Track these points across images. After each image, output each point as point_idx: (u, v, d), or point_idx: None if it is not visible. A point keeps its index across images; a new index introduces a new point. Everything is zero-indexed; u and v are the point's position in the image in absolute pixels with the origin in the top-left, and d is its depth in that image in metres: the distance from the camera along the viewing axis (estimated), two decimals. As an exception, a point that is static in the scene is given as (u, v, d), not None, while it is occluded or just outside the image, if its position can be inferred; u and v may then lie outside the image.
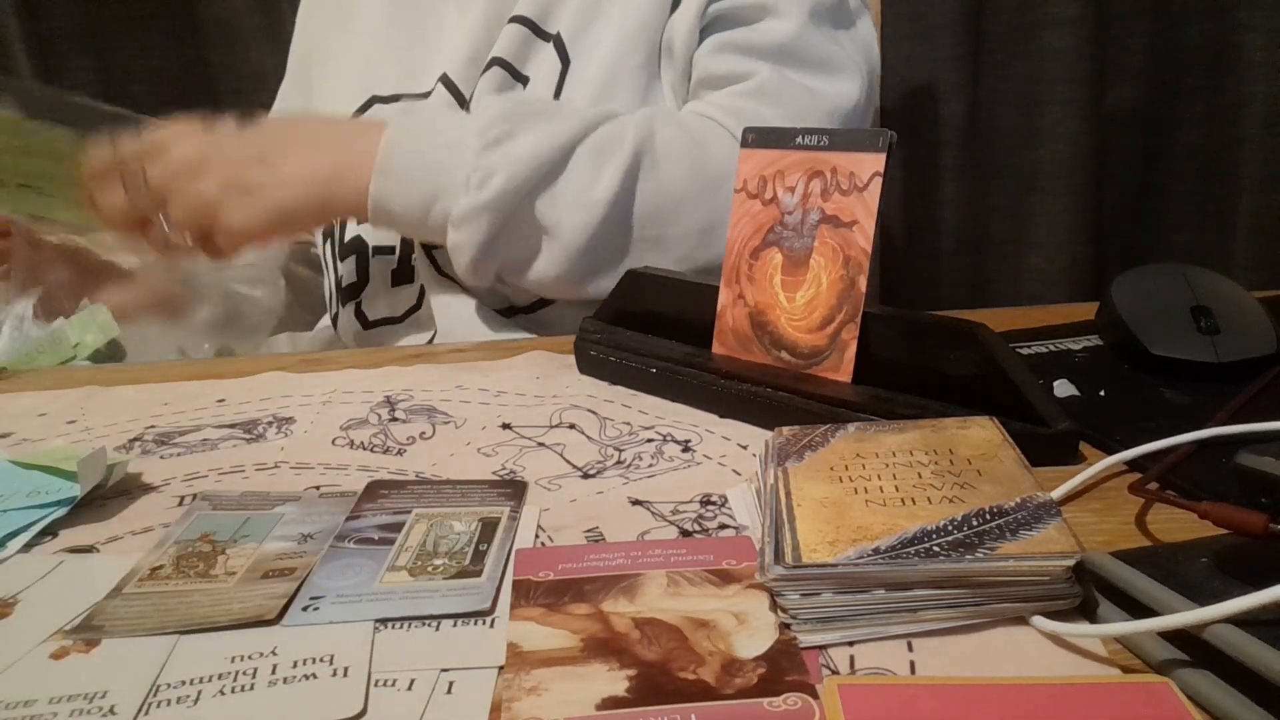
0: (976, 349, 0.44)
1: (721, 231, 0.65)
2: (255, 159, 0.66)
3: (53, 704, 0.29)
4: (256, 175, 0.65)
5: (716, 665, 0.28)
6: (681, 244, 0.67)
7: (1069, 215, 1.12)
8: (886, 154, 0.46)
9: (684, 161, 0.68)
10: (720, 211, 0.66)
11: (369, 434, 0.51)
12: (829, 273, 0.48)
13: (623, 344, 0.57)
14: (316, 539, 0.38)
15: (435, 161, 0.65)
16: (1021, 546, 0.30)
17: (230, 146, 0.67)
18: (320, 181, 0.66)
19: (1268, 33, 1.05)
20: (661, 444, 0.47)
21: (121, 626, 0.32)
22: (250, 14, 1.28)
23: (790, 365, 0.50)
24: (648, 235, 0.67)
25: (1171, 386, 0.50)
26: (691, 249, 0.68)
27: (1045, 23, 1.07)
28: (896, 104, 1.12)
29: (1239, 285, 0.56)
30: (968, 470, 0.36)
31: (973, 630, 0.30)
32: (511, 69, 0.73)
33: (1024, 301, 1.15)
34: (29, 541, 0.40)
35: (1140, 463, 0.40)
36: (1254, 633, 0.25)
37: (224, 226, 0.65)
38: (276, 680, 0.29)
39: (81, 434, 0.53)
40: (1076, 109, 1.08)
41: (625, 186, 0.66)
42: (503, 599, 0.33)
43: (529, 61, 0.73)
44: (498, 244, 0.66)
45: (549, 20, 0.73)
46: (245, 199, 0.65)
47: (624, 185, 0.66)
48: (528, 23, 0.73)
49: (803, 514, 0.34)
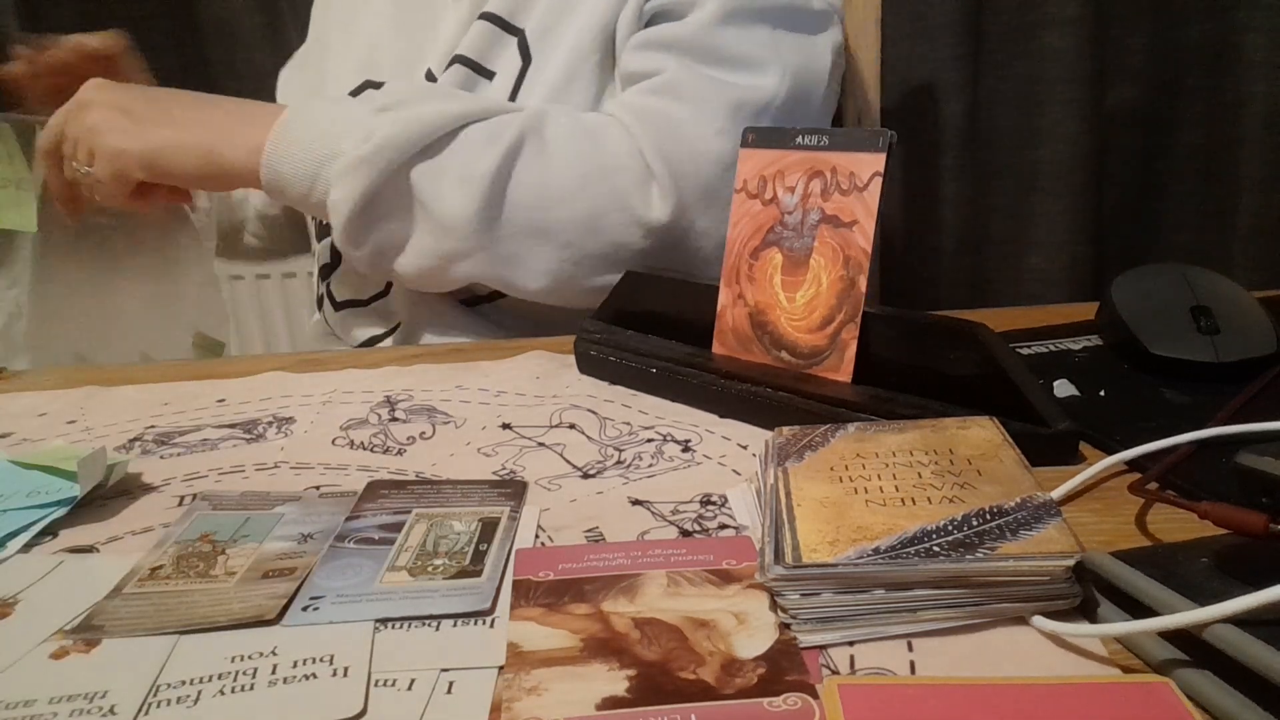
0: (976, 349, 0.44)
1: (605, 223, 0.65)
2: (151, 99, 0.68)
3: (53, 704, 0.29)
4: (145, 110, 0.67)
5: (716, 665, 0.29)
6: (564, 232, 0.66)
7: (1069, 215, 1.12)
8: (886, 154, 0.46)
9: (571, 150, 0.66)
10: (605, 202, 0.65)
11: (369, 434, 0.51)
12: (829, 273, 0.48)
13: (623, 344, 0.57)
14: (316, 539, 0.38)
15: (329, 129, 0.65)
16: (1021, 546, 0.30)
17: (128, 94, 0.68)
18: (213, 133, 0.67)
19: (1268, 33, 1.04)
20: (661, 444, 0.47)
21: (121, 626, 0.32)
22: (250, 14, 1.28)
23: (790, 365, 0.50)
24: (529, 221, 0.65)
25: (1171, 386, 0.50)
26: (576, 238, 0.66)
27: (1045, 23, 1.07)
28: (896, 104, 1.12)
29: (1239, 285, 0.56)
30: (968, 470, 0.36)
31: (973, 630, 0.30)
32: (476, 66, 0.73)
33: (1024, 301, 1.15)
34: (29, 541, 0.40)
35: (1140, 463, 0.40)
36: (1254, 633, 0.25)
37: (103, 147, 0.66)
38: (276, 680, 0.29)
39: (81, 434, 0.53)
40: (1076, 109, 1.08)
41: (506, 167, 0.64)
42: (503, 599, 0.33)
43: (495, 58, 0.73)
44: (374, 207, 0.65)
45: (518, 15, 0.72)
46: (133, 128, 0.66)
47: (505, 165, 0.64)
48: (495, 19, 0.72)
49: (803, 514, 0.34)
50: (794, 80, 0.70)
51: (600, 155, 0.66)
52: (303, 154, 0.65)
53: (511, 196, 0.65)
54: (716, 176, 0.66)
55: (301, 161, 0.65)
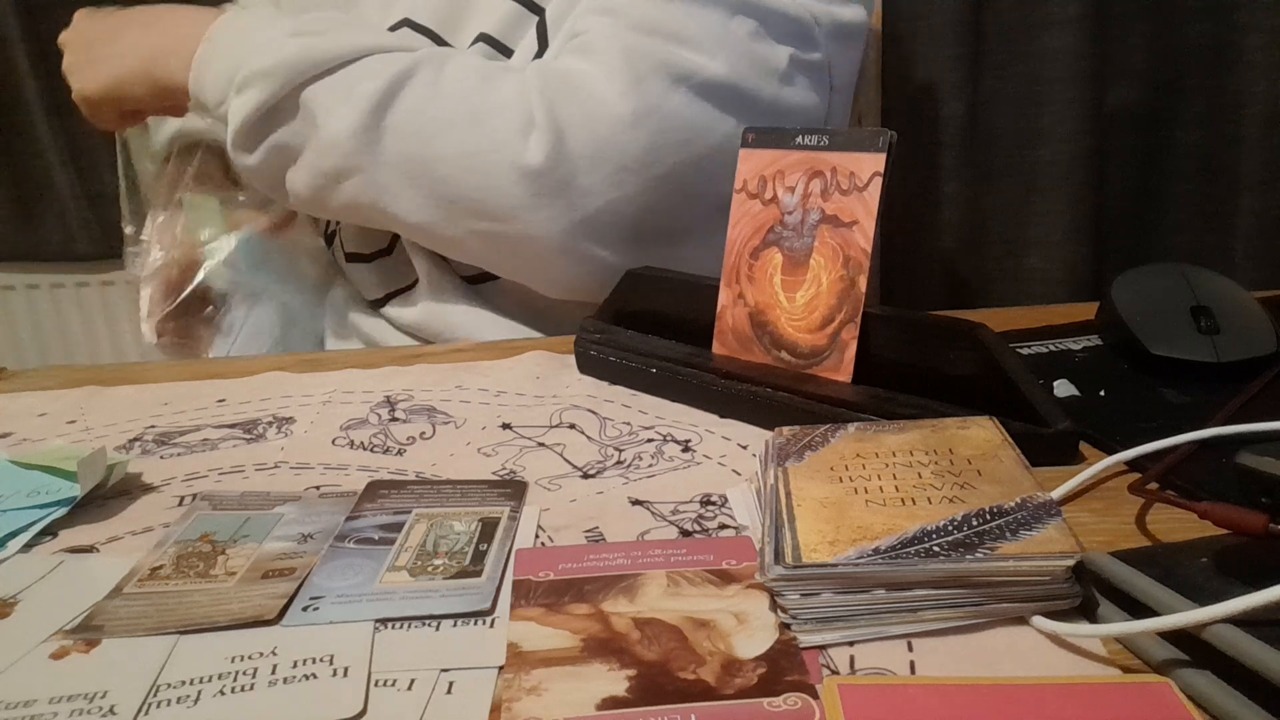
0: (976, 349, 0.44)
1: (480, 162, 0.64)
2: (105, 36, 0.75)
3: (53, 704, 0.29)
4: (100, 49, 0.74)
5: (716, 665, 0.29)
6: (440, 165, 0.65)
7: (1069, 215, 1.12)
8: (887, 154, 0.46)
9: (461, 87, 0.66)
10: (483, 141, 0.64)
11: (369, 434, 0.51)
12: (829, 273, 0.48)
13: (623, 344, 0.57)
14: (316, 539, 0.38)
15: (246, 44, 0.68)
16: (1021, 546, 0.30)
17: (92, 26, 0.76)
18: (148, 56, 0.72)
19: (1268, 33, 1.04)
20: (661, 444, 0.47)
21: (121, 626, 0.32)
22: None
23: (790, 365, 0.50)
24: (406, 150, 0.65)
25: (1171, 386, 0.50)
26: (450, 173, 0.65)
27: (1045, 23, 1.07)
28: (897, 104, 1.12)
29: (1239, 285, 0.56)
30: (968, 470, 0.36)
31: (973, 630, 0.30)
32: (498, 44, 0.72)
33: (1024, 301, 1.15)
34: (29, 541, 0.40)
35: (1140, 463, 0.40)
36: (1254, 633, 0.25)
37: (76, 93, 0.75)
38: (276, 680, 0.29)
39: (81, 434, 0.53)
40: (1076, 109, 1.08)
41: (393, 89, 0.65)
42: (503, 599, 0.33)
43: (519, 38, 0.73)
44: (268, 118, 0.67)
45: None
46: (89, 68, 0.75)
47: (392, 88, 0.64)
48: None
49: (803, 514, 0.34)
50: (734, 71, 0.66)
51: (488, 95, 0.65)
52: (220, 66, 0.68)
53: (392, 120, 0.65)
54: (612, 135, 0.63)
55: (218, 74, 0.68)
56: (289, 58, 0.65)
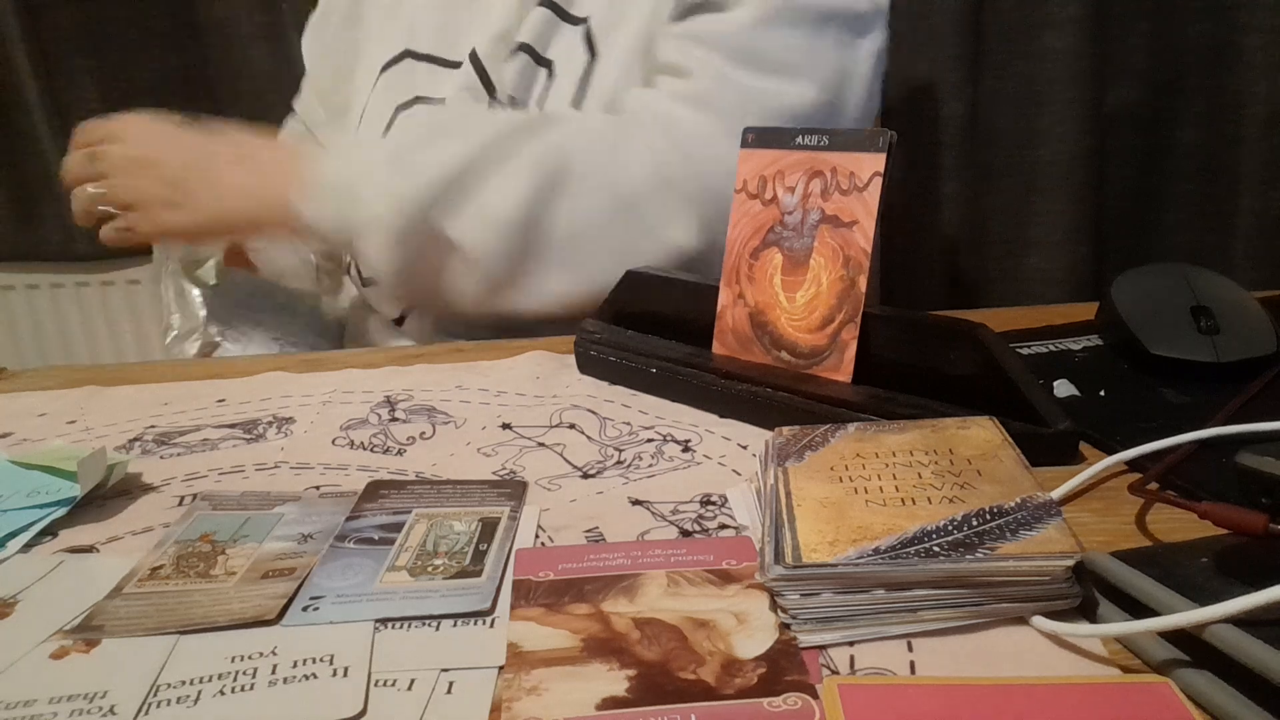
0: (976, 349, 0.44)
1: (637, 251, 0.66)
2: (197, 166, 0.72)
3: (53, 704, 0.29)
4: (195, 185, 0.71)
5: (716, 665, 0.29)
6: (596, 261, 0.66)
7: (1069, 215, 1.12)
8: (887, 154, 0.46)
9: (597, 182, 0.67)
10: (636, 235, 0.66)
11: (369, 434, 0.51)
12: (829, 273, 0.48)
13: (623, 344, 0.57)
14: (316, 539, 0.38)
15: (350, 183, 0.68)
16: (1021, 546, 0.30)
17: (178, 150, 0.72)
18: (253, 198, 0.71)
19: (1268, 33, 1.04)
20: (661, 444, 0.47)
21: (121, 626, 0.32)
22: (251, 15, 1.28)
23: (790, 365, 0.50)
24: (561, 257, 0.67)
25: (1171, 386, 0.50)
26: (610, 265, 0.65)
27: (1045, 23, 1.07)
28: (897, 104, 1.12)
29: (1239, 285, 0.56)
30: (968, 470, 0.36)
31: (973, 630, 0.30)
32: (535, 54, 0.73)
33: (1024, 301, 1.15)
34: (29, 541, 0.40)
35: (1140, 463, 0.40)
36: (1254, 633, 0.25)
37: (159, 223, 0.72)
38: (276, 680, 0.29)
39: (81, 434, 0.53)
40: (1076, 109, 1.08)
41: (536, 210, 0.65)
42: (503, 599, 0.33)
43: (551, 45, 0.73)
44: (410, 263, 0.67)
45: (575, 3, 0.72)
46: (177, 204, 0.71)
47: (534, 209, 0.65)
48: (553, 6, 0.72)
49: (803, 514, 0.34)
50: (827, 88, 0.70)
51: (628, 182, 0.67)
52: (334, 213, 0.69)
53: (542, 236, 0.66)
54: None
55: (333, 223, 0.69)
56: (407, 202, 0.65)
